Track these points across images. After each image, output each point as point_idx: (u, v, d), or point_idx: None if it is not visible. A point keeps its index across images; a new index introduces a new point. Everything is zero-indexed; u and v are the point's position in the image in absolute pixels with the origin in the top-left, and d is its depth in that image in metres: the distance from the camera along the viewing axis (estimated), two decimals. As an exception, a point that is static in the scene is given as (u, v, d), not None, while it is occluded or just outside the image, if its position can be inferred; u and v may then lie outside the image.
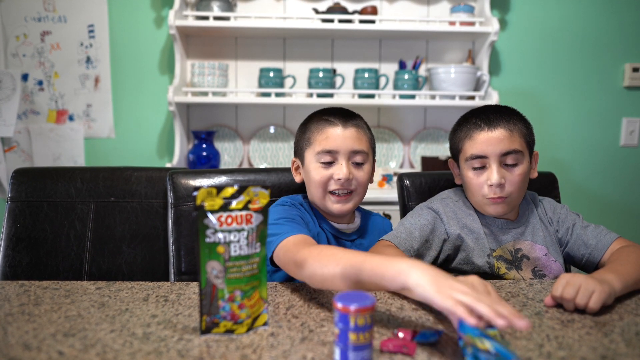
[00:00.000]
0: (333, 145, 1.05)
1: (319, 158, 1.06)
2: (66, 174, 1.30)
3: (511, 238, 1.12)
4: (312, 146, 1.08)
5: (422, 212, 1.12)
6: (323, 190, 1.06)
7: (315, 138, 1.07)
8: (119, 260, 1.27)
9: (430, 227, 1.09)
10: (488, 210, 1.09)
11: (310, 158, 1.08)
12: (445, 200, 1.15)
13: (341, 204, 1.07)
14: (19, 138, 2.25)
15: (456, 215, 1.12)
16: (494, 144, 1.05)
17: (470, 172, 1.09)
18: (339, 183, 1.05)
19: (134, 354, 0.64)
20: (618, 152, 2.38)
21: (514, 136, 1.06)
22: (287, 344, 0.68)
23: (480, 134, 1.07)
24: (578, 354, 0.66)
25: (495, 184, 1.04)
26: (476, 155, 1.07)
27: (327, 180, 1.06)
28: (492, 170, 1.05)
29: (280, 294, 0.88)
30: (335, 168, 1.05)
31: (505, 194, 1.06)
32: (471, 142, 1.08)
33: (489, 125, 1.06)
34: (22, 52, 2.22)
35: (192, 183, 1.22)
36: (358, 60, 2.30)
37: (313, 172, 1.07)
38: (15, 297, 0.85)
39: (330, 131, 1.06)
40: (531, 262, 1.11)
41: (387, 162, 2.35)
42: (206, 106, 2.28)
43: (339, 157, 1.06)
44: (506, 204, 1.07)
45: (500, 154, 1.05)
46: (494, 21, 2.06)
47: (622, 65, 2.33)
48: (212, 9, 2.07)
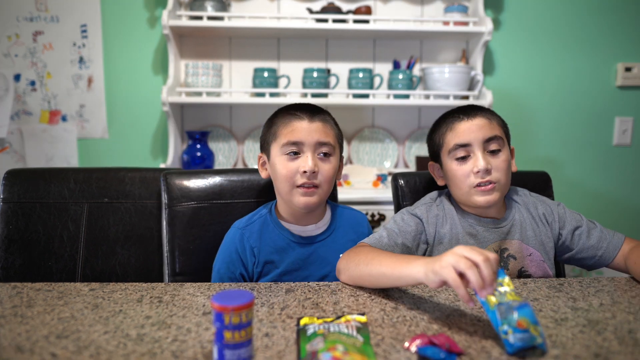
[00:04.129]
0: (298, 136, 1.04)
1: (284, 150, 1.05)
2: (59, 175, 1.29)
3: (497, 237, 1.11)
4: (277, 139, 1.06)
5: (405, 217, 1.11)
6: (290, 185, 1.05)
7: (281, 132, 1.06)
8: (113, 261, 1.26)
9: (413, 235, 1.08)
10: (477, 200, 1.07)
11: (275, 151, 1.07)
12: (429, 204, 1.14)
13: (307, 197, 1.04)
14: (12, 139, 2.23)
15: (439, 221, 1.11)
16: (475, 131, 1.06)
17: (454, 164, 1.09)
18: (305, 176, 1.03)
19: (128, 355, 0.64)
20: (611, 151, 2.39)
21: (493, 124, 1.08)
22: (282, 344, 0.68)
23: (460, 124, 1.08)
24: (571, 352, 0.66)
25: (482, 169, 1.04)
26: (459, 144, 1.07)
27: (293, 174, 1.04)
28: (477, 157, 1.05)
29: (275, 294, 0.87)
30: (300, 160, 1.04)
31: (494, 179, 1.05)
32: (453, 132, 1.09)
33: (468, 115, 1.08)
34: (14, 52, 2.20)
35: (186, 183, 1.21)
36: (352, 60, 2.30)
37: (278, 165, 1.06)
38: (7, 299, 0.84)
39: (297, 124, 1.05)
40: (518, 262, 1.10)
41: (381, 162, 2.35)
42: (200, 106, 2.28)
43: (305, 148, 1.04)
44: (496, 192, 1.06)
45: (483, 140, 1.06)
46: (488, 21, 2.07)
47: (615, 64, 2.35)
48: (206, 8, 2.06)
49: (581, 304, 0.84)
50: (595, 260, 1.10)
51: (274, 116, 1.12)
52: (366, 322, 0.74)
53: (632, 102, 2.37)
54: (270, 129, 1.10)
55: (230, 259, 1.08)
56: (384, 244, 1.04)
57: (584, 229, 1.12)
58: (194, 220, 1.19)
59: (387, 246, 1.04)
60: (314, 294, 0.88)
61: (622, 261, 1.06)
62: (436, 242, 1.10)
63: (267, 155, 1.11)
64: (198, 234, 1.19)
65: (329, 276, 1.09)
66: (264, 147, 1.13)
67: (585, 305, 0.83)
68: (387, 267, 0.84)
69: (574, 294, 0.89)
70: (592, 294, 0.89)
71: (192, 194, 1.21)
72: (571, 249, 1.13)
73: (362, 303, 0.84)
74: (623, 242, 1.08)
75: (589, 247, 1.10)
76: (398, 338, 0.70)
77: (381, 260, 0.87)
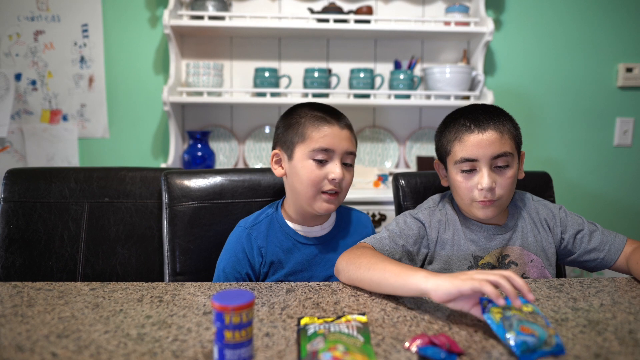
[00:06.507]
0: (330, 143, 1.03)
1: (314, 155, 1.03)
2: (60, 175, 1.29)
3: (499, 244, 1.10)
4: (306, 142, 1.04)
5: (408, 220, 1.10)
6: (316, 190, 1.04)
7: (310, 134, 1.04)
8: (113, 261, 1.26)
9: (414, 238, 1.08)
10: (477, 214, 1.06)
11: (302, 153, 1.05)
12: (432, 209, 1.13)
13: (330, 204, 1.05)
14: (12, 138, 2.23)
15: (442, 226, 1.11)
16: (484, 147, 1.02)
17: (459, 176, 1.06)
18: (333, 183, 1.03)
19: (129, 355, 0.64)
20: (612, 152, 2.39)
21: (504, 138, 1.03)
22: (282, 344, 0.68)
23: (470, 137, 1.03)
24: (572, 352, 0.66)
25: (486, 188, 1.01)
26: (466, 159, 1.04)
27: (321, 179, 1.04)
28: (482, 174, 1.02)
29: (276, 294, 0.87)
30: (329, 167, 1.04)
31: (495, 197, 1.03)
32: (461, 144, 1.04)
33: (479, 127, 1.03)
34: (15, 52, 2.20)
35: (186, 183, 1.21)
36: (353, 60, 2.30)
37: (305, 169, 1.04)
38: (8, 298, 0.84)
39: (328, 129, 1.04)
40: (519, 268, 1.09)
41: (382, 162, 2.35)
42: (201, 106, 2.28)
43: (335, 156, 1.04)
44: (495, 207, 1.05)
45: (491, 157, 1.02)
46: (489, 21, 2.07)
47: (616, 65, 2.35)
48: (207, 8, 2.06)
49: (582, 304, 0.84)
50: (598, 263, 1.10)
51: (297, 115, 1.09)
52: (367, 322, 0.74)
53: (633, 103, 2.37)
54: (295, 129, 1.07)
55: (237, 259, 1.08)
56: (385, 245, 1.03)
57: (586, 232, 1.11)
58: (195, 220, 1.19)
59: (388, 247, 1.03)
60: (315, 293, 0.88)
61: (624, 263, 1.06)
62: (438, 248, 1.09)
63: (288, 154, 1.08)
64: (199, 233, 1.19)
65: (333, 277, 1.09)
66: (284, 145, 1.09)
67: (586, 306, 0.83)
68: (390, 274, 0.83)
69: (574, 295, 0.89)
70: (593, 295, 0.89)
71: (193, 194, 1.21)
72: (573, 252, 1.12)
73: (362, 303, 0.84)
74: (625, 243, 1.08)
75: (591, 250, 1.10)
76: (398, 338, 0.70)
77: (385, 267, 0.85)
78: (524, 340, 0.64)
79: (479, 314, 0.73)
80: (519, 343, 0.64)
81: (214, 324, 0.61)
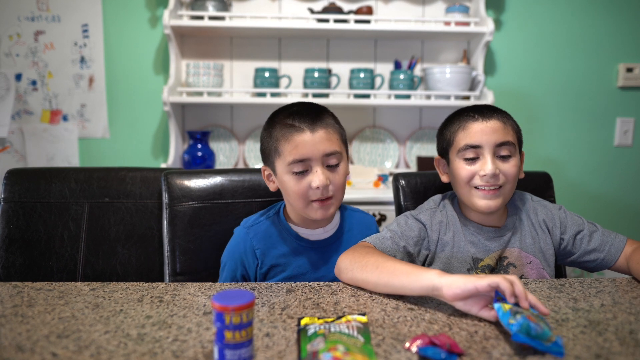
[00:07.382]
0: (304, 153, 0.99)
1: (291, 168, 1.00)
2: (60, 175, 1.29)
3: (498, 246, 1.10)
4: (281, 156, 1.01)
5: (409, 221, 1.10)
6: (304, 201, 1.01)
7: (283, 148, 1.00)
8: (114, 261, 1.26)
9: (415, 240, 1.08)
10: (478, 204, 1.05)
11: (281, 169, 1.02)
12: (433, 210, 1.13)
13: (324, 210, 1.02)
14: (13, 138, 2.23)
15: (442, 227, 1.10)
16: (488, 134, 1.03)
17: (461, 163, 1.06)
18: (319, 192, 0.99)
19: (129, 355, 0.64)
20: (612, 152, 2.39)
21: (507, 128, 1.06)
22: (283, 344, 0.68)
23: (474, 124, 1.05)
24: (572, 352, 0.66)
25: (489, 174, 1.01)
26: (470, 145, 1.04)
27: (305, 190, 1.00)
28: (485, 160, 1.03)
29: (276, 295, 0.87)
30: (311, 176, 1.00)
31: (500, 182, 1.03)
32: (465, 132, 1.06)
33: (483, 116, 1.05)
34: (15, 52, 2.20)
35: (187, 183, 1.21)
36: (353, 60, 2.30)
37: (288, 183, 1.01)
38: (8, 298, 0.84)
39: (298, 138, 0.99)
40: (517, 270, 1.09)
41: (382, 162, 2.35)
42: (201, 106, 2.28)
43: (313, 164, 1.00)
44: (497, 198, 1.04)
45: (495, 144, 1.03)
46: (489, 21, 2.07)
47: (616, 65, 2.35)
48: (207, 8, 2.06)
49: (582, 304, 0.84)
50: (598, 263, 1.10)
51: (271, 126, 1.05)
52: (367, 322, 0.74)
53: (634, 103, 2.37)
54: (270, 144, 1.04)
55: (233, 258, 1.09)
56: (386, 246, 1.03)
57: (586, 232, 1.11)
58: (195, 220, 1.19)
59: (389, 248, 1.03)
60: (315, 294, 0.88)
61: (624, 263, 1.06)
62: (438, 249, 1.09)
63: (272, 170, 1.06)
64: (199, 233, 1.19)
65: (335, 280, 1.09)
66: (267, 161, 1.08)
67: (586, 306, 0.83)
68: (401, 273, 0.82)
69: (575, 295, 0.88)
70: (593, 295, 0.89)
71: (193, 194, 1.21)
72: (573, 253, 1.12)
73: (362, 303, 0.84)
74: (625, 244, 1.08)
75: (591, 250, 1.10)
76: (399, 338, 0.70)
77: (394, 265, 0.85)
78: (528, 324, 0.65)
79: (488, 316, 0.74)
80: (520, 322, 0.65)
81: (214, 324, 0.61)
